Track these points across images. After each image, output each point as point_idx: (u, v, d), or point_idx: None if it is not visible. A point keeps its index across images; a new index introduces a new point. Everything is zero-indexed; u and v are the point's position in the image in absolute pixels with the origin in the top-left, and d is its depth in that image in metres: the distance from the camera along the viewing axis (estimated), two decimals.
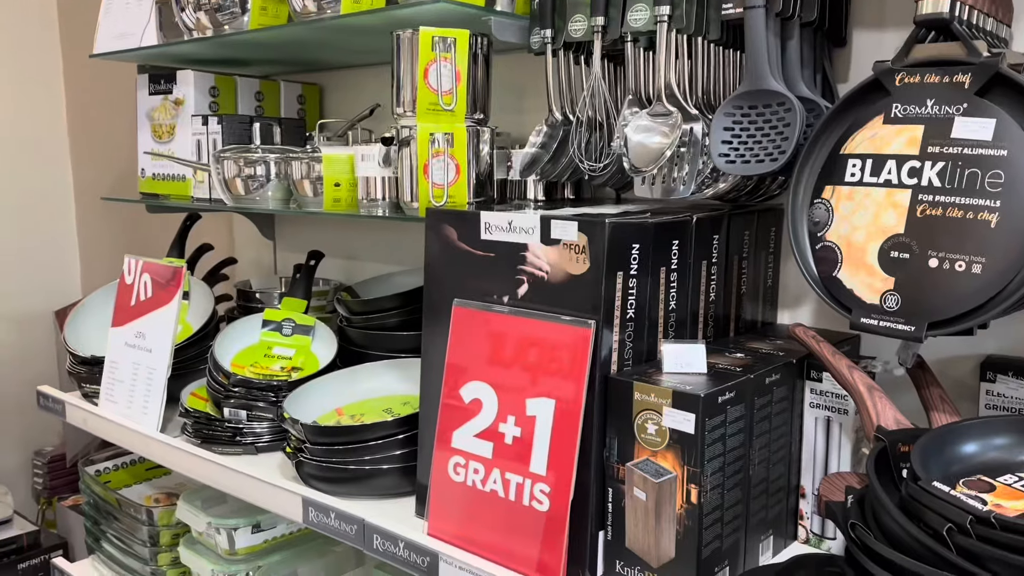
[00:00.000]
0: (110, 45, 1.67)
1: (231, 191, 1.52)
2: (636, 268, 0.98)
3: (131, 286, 1.57)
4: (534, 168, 1.22)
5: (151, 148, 1.72)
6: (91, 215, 2.81)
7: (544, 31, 1.20)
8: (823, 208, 0.99)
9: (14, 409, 2.73)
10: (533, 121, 1.52)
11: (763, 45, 1.00)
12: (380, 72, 1.79)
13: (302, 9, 1.35)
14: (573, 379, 0.95)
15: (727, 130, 1.04)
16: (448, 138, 1.19)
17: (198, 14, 1.49)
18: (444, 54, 1.17)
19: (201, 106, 1.67)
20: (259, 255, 2.12)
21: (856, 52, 1.16)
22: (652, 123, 1.06)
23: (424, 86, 1.17)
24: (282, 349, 1.55)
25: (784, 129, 1.00)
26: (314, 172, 1.40)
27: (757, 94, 1.02)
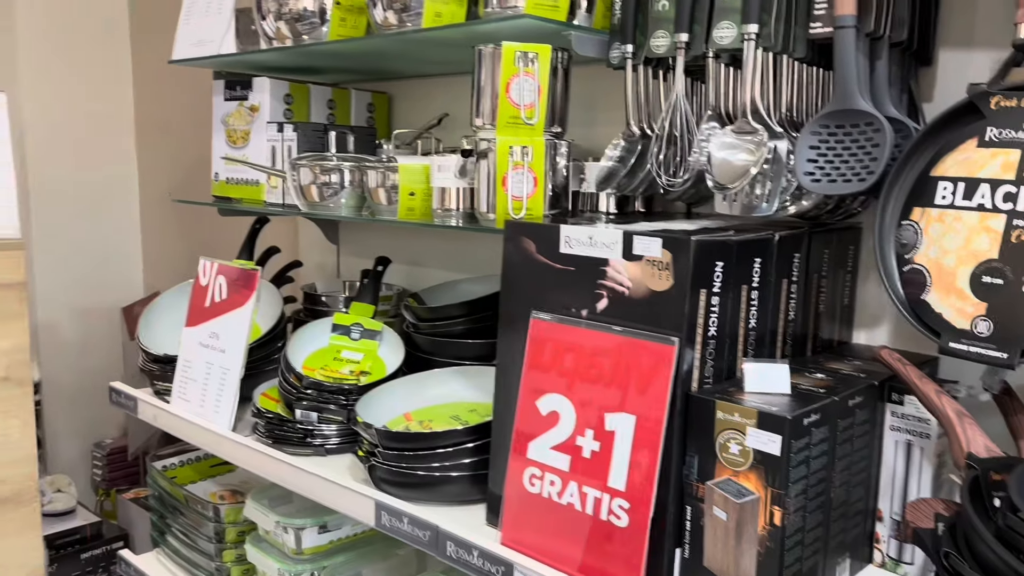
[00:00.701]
0: (189, 52, 1.71)
1: (306, 197, 1.55)
2: (719, 286, 0.98)
3: (206, 288, 1.61)
4: (611, 182, 1.23)
5: (225, 153, 1.77)
6: (154, 213, 2.89)
7: (625, 46, 1.21)
8: (911, 230, 0.98)
9: (74, 401, 2.82)
10: (602, 133, 1.53)
11: (852, 65, 0.99)
12: (448, 82, 1.81)
13: (383, 21, 1.37)
14: (655, 396, 0.95)
15: (813, 148, 1.04)
16: (527, 151, 1.20)
17: (278, 23, 1.52)
18: (527, 69, 1.18)
19: (276, 113, 1.70)
20: (323, 258, 2.16)
21: (942, 71, 1.15)
22: (737, 140, 1.06)
23: (506, 100, 1.19)
24: (350, 353, 1.58)
25: (872, 149, 1.00)
26: (389, 181, 1.43)
27: (845, 113, 1.01)
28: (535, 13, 1.20)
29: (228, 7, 1.63)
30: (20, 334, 1.75)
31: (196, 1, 1.73)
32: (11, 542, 1.79)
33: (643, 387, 0.97)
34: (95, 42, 2.79)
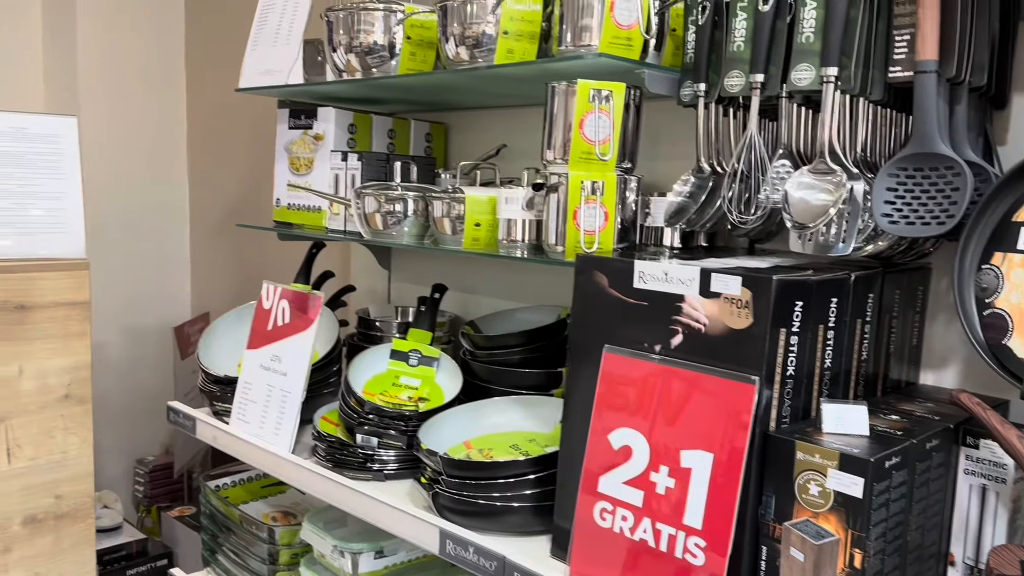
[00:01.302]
0: (256, 80, 1.76)
1: (369, 225, 1.58)
2: (798, 325, 0.98)
3: (268, 311, 1.64)
4: (681, 217, 1.24)
5: (289, 180, 1.80)
6: (204, 235, 2.94)
7: (698, 85, 1.22)
8: (992, 274, 0.98)
9: (120, 418, 2.86)
10: (663, 167, 1.54)
11: (933, 109, 1.00)
12: (504, 113, 1.84)
13: (454, 56, 1.40)
14: (734, 434, 0.96)
15: (890, 190, 1.04)
16: (599, 186, 1.22)
17: (349, 56, 1.56)
18: (601, 106, 1.20)
19: (340, 142, 1.74)
20: (374, 283, 2.19)
21: (1016, 115, 1.15)
22: (814, 180, 1.07)
23: (579, 136, 1.21)
24: (408, 379, 1.59)
25: (952, 193, 1.00)
26: (454, 211, 1.45)
27: (924, 156, 1.02)
28: (610, 52, 1.22)
29: (296, 38, 1.67)
30: (83, 352, 1.79)
31: (263, 30, 1.78)
32: (67, 557, 1.82)
33: (722, 425, 0.97)
34: (151, 70, 2.86)
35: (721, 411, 0.97)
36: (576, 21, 1.25)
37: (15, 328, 1.68)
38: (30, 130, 1.73)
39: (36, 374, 1.72)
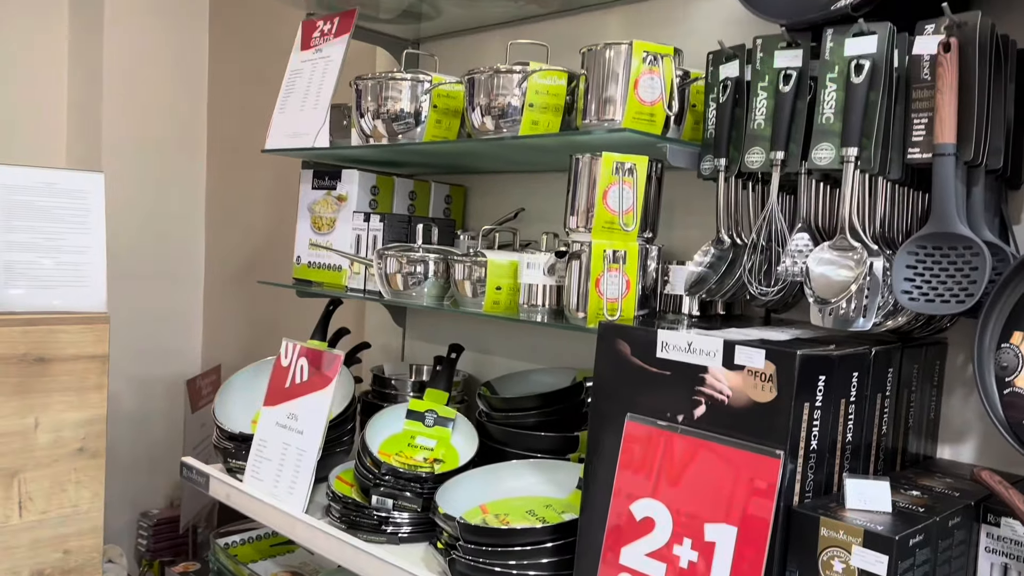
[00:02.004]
0: (283, 143, 1.80)
1: (390, 285, 1.60)
2: (821, 399, 1.00)
3: (287, 368, 1.65)
4: (702, 287, 1.26)
5: (311, 238, 1.83)
6: (218, 288, 2.97)
7: (718, 160, 1.26)
8: (1012, 353, 0.99)
9: (126, 469, 2.84)
10: (680, 235, 1.57)
11: (951, 190, 1.03)
12: (522, 177, 1.88)
13: (480, 126, 1.44)
14: (759, 509, 0.96)
15: (910, 268, 1.06)
16: (622, 255, 1.25)
17: (375, 122, 1.60)
18: (624, 178, 1.23)
19: (363, 203, 1.78)
20: (388, 340, 2.20)
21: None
22: (836, 256, 1.10)
23: (603, 206, 1.24)
24: (424, 439, 1.60)
25: (972, 272, 1.02)
26: (475, 274, 1.47)
27: (943, 236, 1.05)
28: (633, 127, 1.26)
29: (324, 104, 1.72)
30: (99, 405, 1.80)
31: (292, 94, 1.83)
32: None
33: (747, 499, 0.97)
34: (173, 124, 2.92)
35: (746, 485, 0.98)
36: (601, 96, 1.29)
37: (34, 380, 1.69)
38: (59, 185, 1.77)
39: (52, 427, 1.72)
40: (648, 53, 1.26)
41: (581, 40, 1.75)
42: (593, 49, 1.30)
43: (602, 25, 1.71)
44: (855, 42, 1.09)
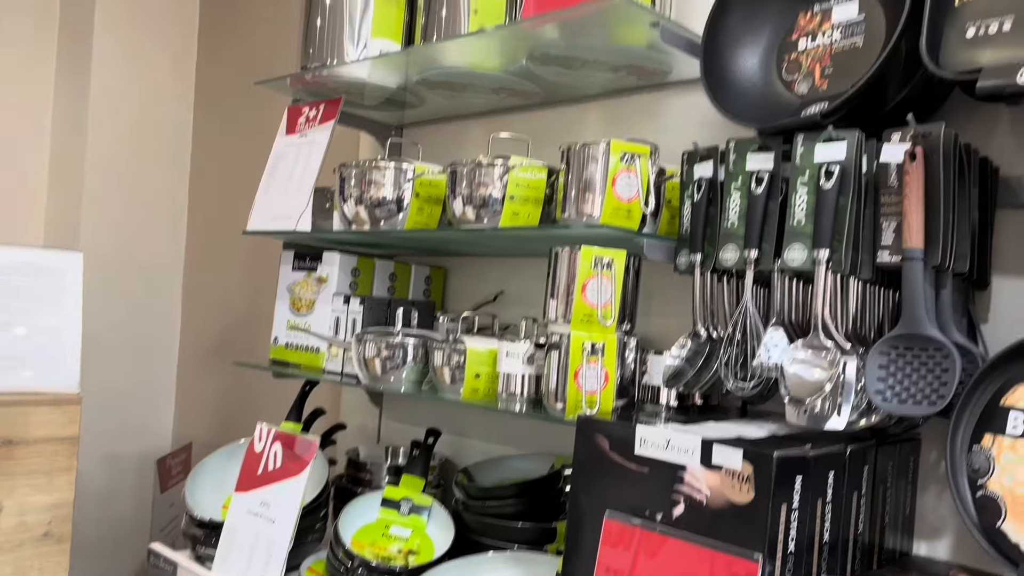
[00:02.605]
0: (265, 224, 1.82)
1: (368, 370, 1.59)
2: (798, 500, 1.00)
3: (260, 454, 1.63)
4: (679, 380, 1.27)
5: (289, 319, 1.83)
6: (192, 364, 2.93)
7: (694, 255, 1.28)
8: (983, 456, 1.01)
9: (91, 550, 2.75)
10: (657, 323, 1.59)
11: (920, 293, 1.06)
12: (502, 261, 1.90)
13: (461, 215, 1.47)
14: None
15: (882, 368, 1.09)
16: (600, 347, 1.26)
17: (358, 208, 1.62)
18: (604, 272, 1.25)
19: (343, 285, 1.78)
20: (364, 420, 2.18)
21: (996, 295, 1.22)
22: (809, 356, 1.12)
23: (582, 300, 1.25)
24: (399, 529, 1.57)
25: (942, 374, 1.04)
26: (454, 361, 1.48)
27: (913, 337, 1.07)
28: (611, 223, 1.29)
29: (308, 188, 1.74)
30: (66, 489, 1.76)
31: (275, 177, 1.85)
32: None
33: None
34: (153, 200, 2.93)
35: None
36: (580, 192, 1.32)
37: (0, 463, 1.65)
38: (36, 264, 1.76)
39: (16, 511, 1.68)
40: (625, 153, 1.30)
41: (561, 131, 1.80)
42: (573, 147, 1.34)
43: (581, 118, 1.76)
44: (825, 148, 1.13)
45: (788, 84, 1.27)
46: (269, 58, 2.70)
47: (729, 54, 1.31)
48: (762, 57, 1.31)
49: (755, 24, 1.31)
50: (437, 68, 1.64)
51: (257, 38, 2.77)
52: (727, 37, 1.31)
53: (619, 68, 1.54)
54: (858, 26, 1.21)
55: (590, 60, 1.51)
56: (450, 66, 1.62)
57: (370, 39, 1.69)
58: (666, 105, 1.62)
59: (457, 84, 1.73)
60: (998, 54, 1.00)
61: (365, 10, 1.71)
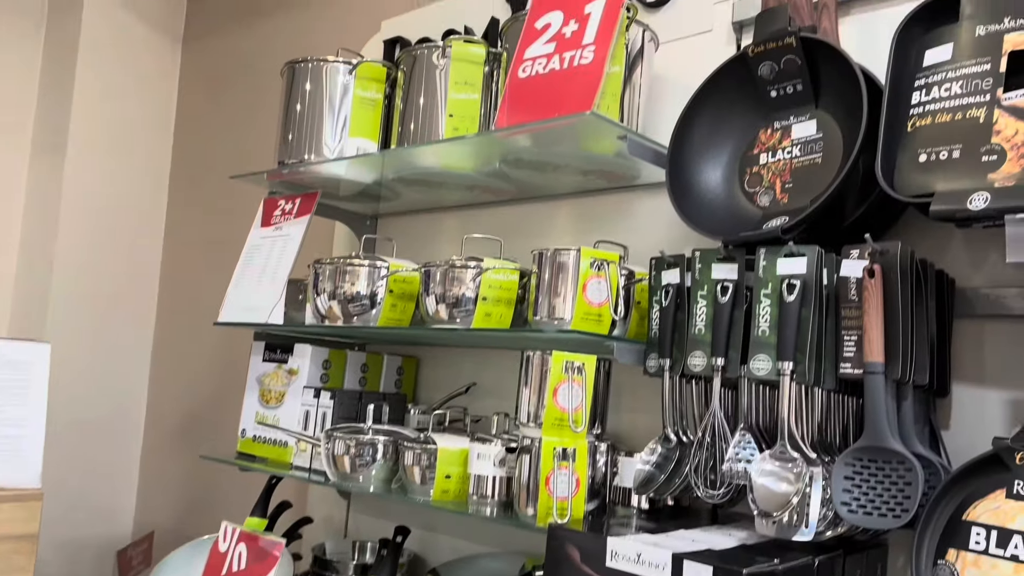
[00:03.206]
0: (237, 316, 1.82)
1: (337, 467, 1.58)
2: None
3: (224, 554, 1.59)
4: (649, 487, 1.28)
5: (258, 411, 1.82)
6: (156, 448, 2.88)
7: (663, 360, 1.31)
8: (947, 571, 1.02)
9: None
10: (628, 420, 1.60)
11: (882, 406, 1.09)
12: (474, 352, 1.91)
13: (434, 313, 1.48)
14: None
15: (848, 479, 1.10)
16: (571, 453, 1.26)
17: (331, 303, 1.63)
18: (575, 377, 1.27)
19: (314, 378, 1.78)
20: (331, 512, 2.14)
21: (957, 403, 1.25)
22: (776, 468, 1.13)
23: (553, 404, 1.27)
24: None
25: (905, 487, 1.06)
26: (424, 461, 1.47)
27: (877, 450, 1.09)
28: (582, 328, 1.31)
29: (281, 281, 1.75)
30: None
31: (249, 268, 1.86)
32: None
33: None
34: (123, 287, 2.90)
35: None
36: (551, 296, 1.35)
37: None
38: (2, 355, 1.74)
39: None
40: (596, 259, 1.33)
41: (534, 226, 1.84)
42: (544, 252, 1.37)
43: (553, 215, 1.80)
44: (786, 262, 1.17)
45: (751, 196, 1.32)
46: (245, 148, 2.74)
47: (694, 166, 1.36)
48: (725, 170, 1.36)
49: (718, 139, 1.36)
50: (413, 168, 1.68)
51: (234, 128, 2.81)
52: (691, 151, 1.36)
53: (589, 172, 1.59)
54: (816, 143, 1.27)
55: (561, 165, 1.56)
56: (425, 166, 1.66)
57: (347, 138, 1.73)
58: (636, 206, 1.66)
59: (432, 181, 1.77)
60: (949, 180, 1.05)
61: (344, 109, 1.75)
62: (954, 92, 1.08)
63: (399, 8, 2.28)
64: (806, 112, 1.29)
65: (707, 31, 1.58)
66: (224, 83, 2.89)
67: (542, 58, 1.42)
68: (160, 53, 3.01)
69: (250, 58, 2.81)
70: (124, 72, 2.91)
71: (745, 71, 1.33)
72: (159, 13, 3.00)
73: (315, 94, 1.76)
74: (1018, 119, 1.02)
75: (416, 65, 1.67)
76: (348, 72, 1.76)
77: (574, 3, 1.42)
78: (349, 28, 2.45)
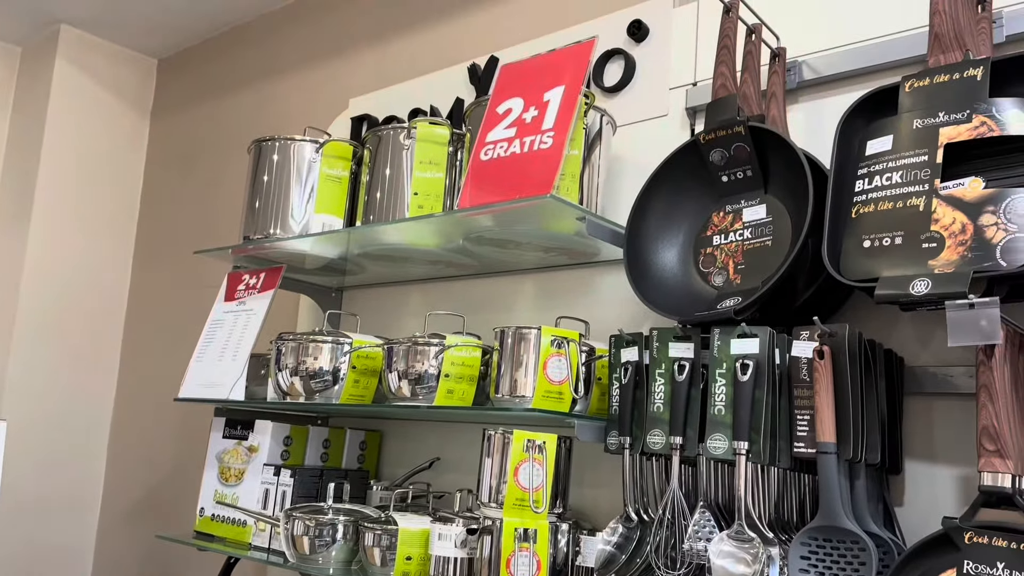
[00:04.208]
0: (197, 392, 1.80)
1: (296, 548, 1.55)
2: None
3: None
4: (610, 568, 1.27)
5: (216, 489, 1.78)
6: (112, 531, 2.79)
7: (623, 437, 1.32)
8: None
9: None
10: (589, 495, 1.60)
11: (836, 486, 1.10)
12: (438, 426, 1.91)
13: (397, 390, 1.49)
14: None
15: (804, 559, 1.11)
16: (532, 534, 1.26)
17: (293, 379, 1.63)
18: (536, 456, 1.27)
19: (274, 455, 1.76)
20: None
21: (909, 479, 1.27)
22: (734, 548, 1.14)
23: (514, 484, 1.27)
24: None
25: (860, 567, 1.07)
26: (384, 542, 1.45)
27: (831, 529, 1.10)
28: (542, 406, 1.32)
29: (243, 357, 1.74)
30: None
31: (211, 343, 1.85)
32: None
33: None
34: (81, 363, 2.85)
35: None
36: (512, 374, 1.36)
37: None
38: None
39: None
40: (556, 337, 1.35)
41: (497, 300, 1.86)
42: (506, 330, 1.39)
43: (516, 289, 1.83)
44: (739, 343, 1.20)
45: (705, 276, 1.36)
46: (211, 222, 2.75)
47: (650, 247, 1.40)
48: (681, 250, 1.40)
49: (674, 220, 1.40)
50: (378, 244, 1.70)
51: (200, 202, 2.82)
52: (648, 232, 1.40)
53: (551, 249, 1.62)
54: (767, 226, 1.32)
55: (523, 242, 1.59)
56: (390, 243, 1.68)
57: (313, 214, 1.76)
58: (597, 281, 1.70)
59: (397, 256, 1.79)
60: (892, 266, 1.09)
61: (310, 186, 1.78)
62: (895, 181, 1.13)
63: (367, 86, 2.33)
64: (756, 196, 1.34)
65: (663, 115, 1.65)
66: (192, 157, 2.91)
67: (503, 142, 1.47)
68: (129, 125, 3.03)
69: (218, 133, 2.84)
70: (92, 143, 2.92)
71: (697, 156, 1.38)
72: (129, 86, 3.04)
73: (282, 171, 1.78)
74: (954, 208, 1.07)
75: (382, 144, 1.71)
76: (315, 150, 1.79)
77: (534, 90, 1.47)
78: (318, 104, 2.50)
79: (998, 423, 1.01)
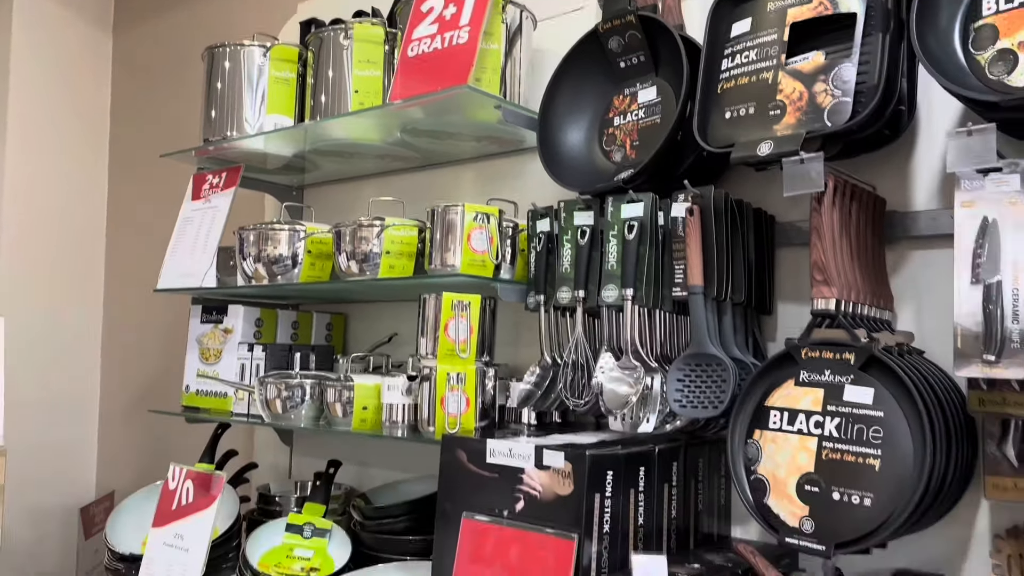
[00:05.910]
0: (174, 282, 2.00)
1: (270, 409, 1.79)
2: (610, 490, 1.24)
3: (174, 491, 1.80)
4: (529, 402, 1.51)
5: (199, 368, 2.01)
6: (112, 418, 3.05)
7: (538, 296, 1.53)
8: (754, 447, 1.27)
9: None
10: (525, 353, 1.83)
11: (703, 320, 1.33)
12: (396, 306, 2.13)
13: (346, 269, 1.69)
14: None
15: (679, 381, 1.35)
16: (462, 377, 1.49)
17: (257, 265, 1.83)
18: (462, 313, 1.49)
19: (247, 335, 1.98)
20: (276, 459, 2.35)
21: (781, 319, 1.50)
22: (621, 375, 1.37)
23: (444, 337, 1.49)
24: (302, 550, 1.76)
25: (723, 384, 1.31)
26: (345, 396, 1.69)
27: (700, 356, 1.34)
28: (468, 272, 1.53)
29: (212, 248, 1.94)
30: None
31: (183, 239, 2.05)
32: None
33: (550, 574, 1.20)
34: (70, 260, 3.06)
35: (550, 564, 1.20)
36: (442, 247, 1.56)
37: None
38: None
39: None
40: (478, 213, 1.55)
41: (441, 190, 2.05)
42: (435, 209, 1.58)
43: (457, 179, 2.01)
44: (628, 207, 1.40)
45: (607, 154, 1.55)
46: (178, 129, 2.89)
47: (560, 130, 1.58)
48: (587, 132, 1.58)
49: (580, 105, 1.58)
50: (325, 140, 1.88)
51: (167, 110, 2.96)
52: (557, 116, 1.58)
53: (481, 138, 1.80)
54: (657, 106, 1.50)
55: (454, 133, 1.77)
56: (336, 139, 1.86)
57: (265, 116, 1.92)
58: (528, 167, 1.88)
59: (345, 152, 1.97)
60: (745, 133, 1.28)
61: (261, 88, 1.93)
62: (751, 59, 1.31)
63: None
64: (648, 80, 1.51)
65: (579, 8, 1.79)
66: (155, 68, 3.03)
67: (427, 38, 1.62)
68: (93, 40, 3.13)
69: (179, 42, 2.95)
70: (58, 62, 3.03)
71: (598, 45, 1.55)
72: (89, 3, 3.12)
73: (234, 76, 1.94)
74: (795, 79, 1.25)
75: (324, 46, 1.86)
76: (263, 54, 1.94)
77: None
78: (271, 11, 2.61)
79: (825, 258, 1.22)
